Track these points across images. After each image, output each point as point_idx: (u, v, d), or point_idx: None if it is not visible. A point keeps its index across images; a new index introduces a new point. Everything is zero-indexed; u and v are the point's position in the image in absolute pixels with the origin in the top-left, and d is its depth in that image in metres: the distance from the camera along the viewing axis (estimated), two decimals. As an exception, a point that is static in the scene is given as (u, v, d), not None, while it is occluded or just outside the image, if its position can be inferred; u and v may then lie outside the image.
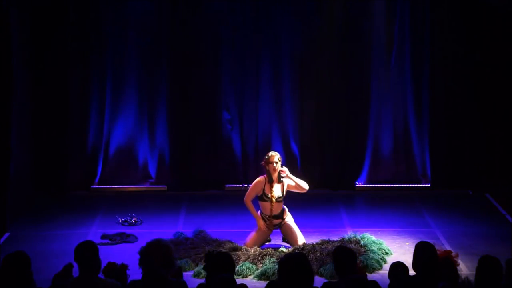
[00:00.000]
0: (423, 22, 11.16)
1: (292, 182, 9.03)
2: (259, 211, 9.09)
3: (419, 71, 11.29)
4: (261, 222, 8.97)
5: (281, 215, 9.07)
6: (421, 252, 5.86)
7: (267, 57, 11.29)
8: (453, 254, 7.29)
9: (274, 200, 8.96)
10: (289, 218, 9.12)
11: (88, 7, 11.02)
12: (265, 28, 11.22)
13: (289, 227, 9.08)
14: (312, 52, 11.27)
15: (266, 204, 9.02)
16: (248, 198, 9.03)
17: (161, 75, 11.27)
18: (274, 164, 8.92)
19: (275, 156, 8.96)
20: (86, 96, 11.24)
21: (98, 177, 11.39)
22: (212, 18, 11.15)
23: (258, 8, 11.18)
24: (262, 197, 9.01)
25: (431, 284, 5.72)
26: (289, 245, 9.06)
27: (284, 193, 9.05)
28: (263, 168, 9.10)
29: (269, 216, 9.01)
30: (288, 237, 9.11)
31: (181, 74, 11.26)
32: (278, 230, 9.19)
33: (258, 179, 9.05)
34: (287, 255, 5.67)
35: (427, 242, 6.00)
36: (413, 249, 5.90)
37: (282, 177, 9.04)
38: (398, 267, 6.21)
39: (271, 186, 8.97)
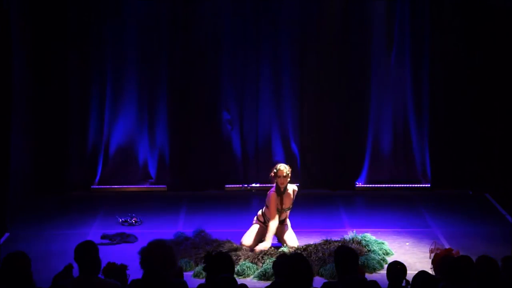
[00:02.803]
0: (423, 22, 11.17)
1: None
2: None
3: (419, 71, 11.29)
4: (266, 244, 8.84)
5: (282, 222, 9.07)
6: (483, 266, 5.73)
7: (267, 57, 11.29)
8: (454, 252, 7.30)
9: (284, 211, 8.96)
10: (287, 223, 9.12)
11: (88, 7, 11.02)
12: (265, 29, 11.22)
13: (284, 227, 9.06)
14: (312, 52, 11.26)
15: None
16: (273, 216, 8.87)
17: (161, 75, 11.27)
18: (282, 179, 8.84)
19: (284, 170, 8.84)
20: (86, 96, 11.24)
21: (98, 177, 11.39)
22: (212, 18, 11.15)
23: (258, 9, 11.18)
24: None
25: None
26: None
27: (292, 204, 9.03)
28: (271, 179, 8.97)
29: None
30: (280, 236, 9.06)
31: (181, 74, 11.27)
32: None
33: (272, 194, 8.90)
34: (280, 256, 5.68)
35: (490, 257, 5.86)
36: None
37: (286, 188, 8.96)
38: (396, 266, 6.21)
39: (281, 198, 8.93)
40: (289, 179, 8.90)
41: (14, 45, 9.77)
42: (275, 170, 8.89)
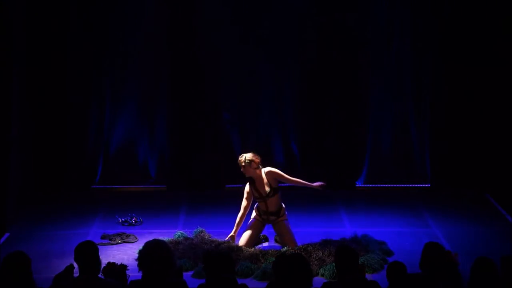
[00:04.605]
0: (424, 22, 11.16)
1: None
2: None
3: (419, 71, 11.29)
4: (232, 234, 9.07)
5: (277, 213, 9.06)
6: (429, 251, 5.92)
7: (268, 57, 11.28)
8: (453, 254, 7.30)
9: (264, 197, 8.98)
10: (284, 217, 9.10)
11: (89, 7, 11.02)
12: (265, 28, 11.22)
13: (282, 227, 9.04)
14: (312, 52, 11.26)
15: (261, 203, 9.04)
16: (242, 205, 9.10)
17: (161, 75, 11.27)
18: (242, 169, 9.00)
19: (240, 160, 8.99)
20: (86, 96, 11.24)
21: (98, 177, 11.40)
22: (212, 18, 11.15)
23: (259, 9, 11.17)
24: (255, 198, 9.07)
25: (433, 283, 5.74)
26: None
27: (272, 185, 9.00)
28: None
29: (265, 212, 9.02)
30: (280, 236, 9.09)
31: (181, 74, 11.26)
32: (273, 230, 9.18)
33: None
34: (280, 256, 5.68)
35: (436, 243, 6.07)
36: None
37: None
38: (396, 265, 6.22)
39: (255, 187, 8.99)
40: (255, 167, 8.94)
41: (14, 45, 9.77)
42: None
